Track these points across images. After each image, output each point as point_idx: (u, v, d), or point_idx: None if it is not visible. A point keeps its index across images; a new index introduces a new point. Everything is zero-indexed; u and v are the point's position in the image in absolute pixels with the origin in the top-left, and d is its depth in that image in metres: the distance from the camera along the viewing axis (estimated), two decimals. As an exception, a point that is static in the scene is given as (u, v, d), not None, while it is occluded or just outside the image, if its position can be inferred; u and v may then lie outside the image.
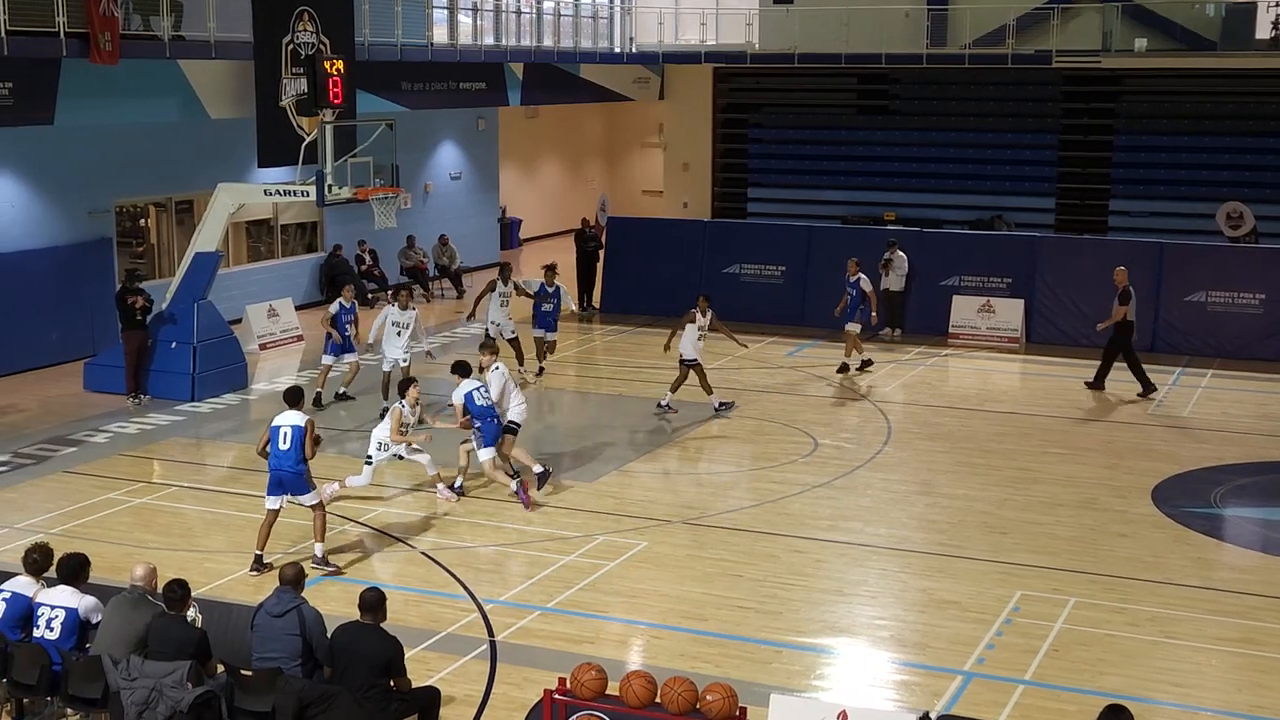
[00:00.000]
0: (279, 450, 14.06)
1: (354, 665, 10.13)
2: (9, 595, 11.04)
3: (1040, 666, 12.24)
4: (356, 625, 10.38)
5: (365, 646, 10.19)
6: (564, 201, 42.12)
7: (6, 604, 11.00)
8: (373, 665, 10.12)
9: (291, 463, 14.04)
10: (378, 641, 10.24)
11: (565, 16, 34.70)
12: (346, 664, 10.18)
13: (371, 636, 10.27)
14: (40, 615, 10.83)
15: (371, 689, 10.09)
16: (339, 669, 10.24)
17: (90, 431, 19.63)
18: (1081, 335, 25.87)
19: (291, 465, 14.05)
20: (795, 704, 9.90)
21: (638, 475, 18.02)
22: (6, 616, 10.94)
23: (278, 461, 14.10)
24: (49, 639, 10.73)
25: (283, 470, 14.09)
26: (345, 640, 10.29)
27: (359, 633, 10.30)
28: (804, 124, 38.09)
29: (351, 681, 10.07)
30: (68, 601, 10.82)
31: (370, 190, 20.92)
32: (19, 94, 20.30)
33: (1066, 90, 35.11)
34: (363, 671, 10.10)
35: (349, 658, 10.18)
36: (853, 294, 23.41)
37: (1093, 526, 16.00)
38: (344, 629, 10.41)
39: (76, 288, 23.33)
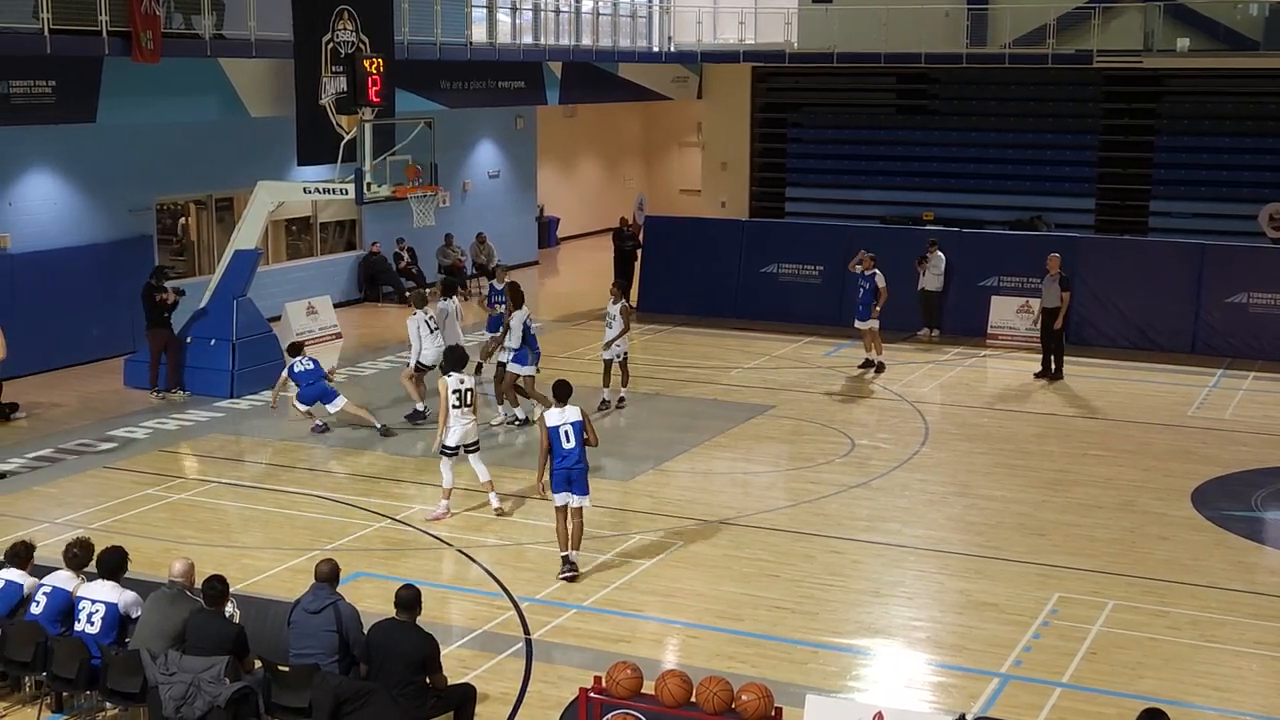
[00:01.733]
0: (564, 448, 13.97)
1: (390, 662, 10.18)
2: (50, 589, 11.14)
3: (1078, 669, 12.16)
4: (392, 622, 10.44)
5: (401, 644, 10.23)
6: (602, 200, 42.15)
7: (48, 598, 11.10)
8: (409, 662, 10.17)
9: (577, 458, 14.01)
10: (414, 639, 10.29)
11: (604, 15, 34.70)
12: (382, 661, 10.23)
13: (408, 634, 10.31)
14: (81, 609, 10.93)
15: (407, 686, 10.13)
16: (375, 666, 10.27)
17: (130, 428, 19.76)
18: (1121, 336, 25.71)
19: (577, 461, 14.01)
20: (831, 705, 9.87)
21: (675, 474, 18.00)
22: (47, 610, 11.04)
23: (565, 460, 13.97)
24: (89, 633, 10.83)
25: (572, 468, 14.02)
26: (381, 638, 10.34)
27: (395, 630, 10.35)
28: (843, 123, 37.97)
29: (387, 679, 10.12)
30: (108, 596, 10.91)
31: (408, 188, 20.98)
32: (62, 92, 20.46)
33: (1107, 90, 34.89)
34: (399, 669, 10.14)
35: (385, 655, 10.23)
36: (865, 287, 23.28)
37: (1132, 529, 15.89)
38: (380, 626, 10.45)
39: (117, 285, 23.49)
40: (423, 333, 19.70)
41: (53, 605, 11.05)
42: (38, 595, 11.18)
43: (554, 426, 14.06)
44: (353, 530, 15.59)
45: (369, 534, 15.53)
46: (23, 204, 23.06)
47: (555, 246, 39.49)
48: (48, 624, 10.95)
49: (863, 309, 23.40)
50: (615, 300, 20.84)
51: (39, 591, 11.20)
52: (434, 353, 19.44)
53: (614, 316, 20.73)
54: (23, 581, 11.31)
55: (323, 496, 16.88)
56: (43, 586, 11.21)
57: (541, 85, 32.56)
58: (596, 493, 16.50)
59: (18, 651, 10.95)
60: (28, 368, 22.45)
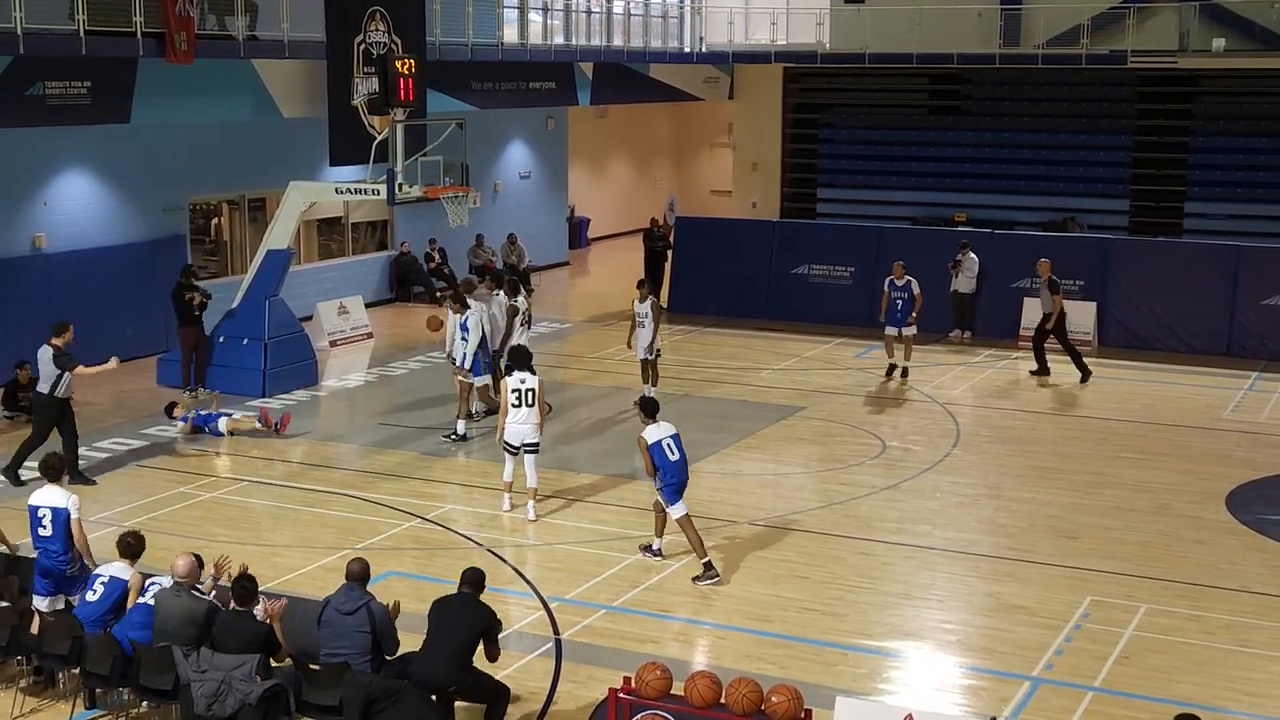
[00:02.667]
0: (670, 461, 14.23)
1: (450, 632, 10.29)
2: (107, 579, 11.29)
3: (1110, 673, 12.09)
4: (457, 597, 10.58)
5: (465, 615, 10.40)
6: (632, 201, 42.14)
7: (105, 587, 11.26)
8: (471, 632, 10.32)
9: (683, 468, 14.34)
10: (478, 611, 10.46)
11: (635, 16, 34.71)
12: (446, 629, 10.33)
13: (473, 606, 10.49)
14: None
15: (464, 656, 10.26)
16: (434, 635, 10.35)
17: (163, 426, 19.86)
18: (1155, 339, 25.57)
19: (684, 470, 14.35)
20: (861, 707, 9.84)
21: (704, 475, 17.96)
22: (103, 599, 11.20)
23: (675, 473, 14.27)
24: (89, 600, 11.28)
25: (683, 480, 14.34)
26: (443, 610, 10.47)
27: (462, 602, 10.52)
28: (874, 124, 37.86)
29: (448, 648, 10.23)
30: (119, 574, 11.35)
31: (440, 189, 21.02)
32: (96, 93, 20.59)
33: (1142, 91, 34.67)
34: (461, 637, 10.28)
35: (446, 624, 10.34)
36: (905, 298, 22.88)
37: (1166, 532, 15.79)
38: (444, 599, 10.60)
39: (151, 284, 23.61)
40: (457, 335, 19.24)
41: (109, 595, 11.24)
42: (94, 585, 11.37)
43: (655, 442, 14.25)
44: (383, 529, 15.64)
45: (399, 533, 15.57)
46: (58, 204, 23.21)
47: (586, 247, 39.51)
48: (100, 614, 11.13)
49: (901, 316, 22.94)
50: (643, 299, 20.84)
51: (96, 581, 11.39)
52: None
53: (646, 315, 20.71)
54: (126, 577, 11.42)
55: (353, 495, 16.94)
56: (98, 577, 11.41)
57: (573, 86, 32.58)
58: (623, 493, 16.56)
59: (54, 646, 11.03)
60: (62, 366, 22.59)
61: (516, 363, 16.25)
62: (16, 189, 22.53)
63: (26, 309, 22.09)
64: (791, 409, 21.10)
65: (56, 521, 11.86)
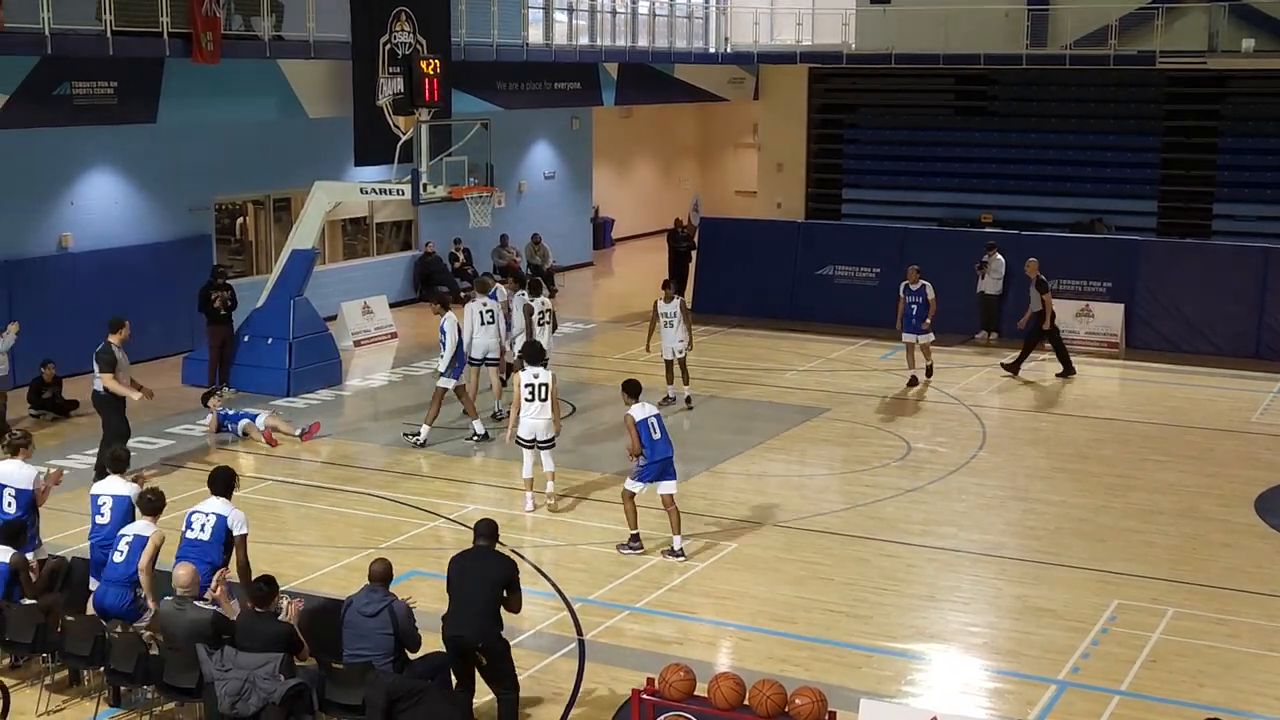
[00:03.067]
0: (653, 442, 14.68)
1: (472, 585, 10.46)
2: (131, 538, 11.58)
3: (1137, 677, 12.01)
4: (475, 550, 10.79)
5: (484, 567, 10.57)
6: (657, 201, 42.12)
7: (130, 548, 11.52)
8: (492, 583, 10.47)
9: (668, 448, 14.77)
10: (496, 561, 10.66)
11: (660, 16, 34.69)
12: (462, 584, 10.50)
13: (489, 558, 10.66)
14: (193, 520, 11.81)
15: (489, 606, 10.42)
16: (459, 594, 10.49)
17: (188, 425, 19.92)
18: (1183, 340, 25.40)
19: (667, 450, 14.76)
20: (885, 710, 9.80)
21: (728, 476, 17.94)
22: (129, 559, 11.46)
23: (660, 451, 14.72)
24: (201, 540, 11.67)
25: (666, 459, 14.74)
26: (463, 564, 10.67)
27: (477, 555, 10.71)
28: (900, 125, 37.75)
29: (473, 604, 10.39)
30: (219, 509, 11.84)
31: (465, 189, 21.04)
32: (123, 93, 20.68)
33: (1170, 91, 34.49)
34: (485, 591, 10.42)
35: (467, 578, 10.51)
36: (919, 303, 22.36)
37: (1193, 536, 15.68)
38: (461, 555, 10.84)
39: (176, 283, 23.69)
40: (475, 322, 19.46)
41: (135, 554, 11.41)
42: (119, 545, 11.48)
43: (642, 420, 14.64)
44: (407, 529, 15.65)
45: (423, 533, 15.58)
46: (85, 203, 23.32)
47: (610, 247, 39.51)
48: (128, 574, 11.37)
49: (916, 322, 22.45)
50: (669, 299, 20.81)
51: (121, 541, 11.51)
52: (483, 344, 19.48)
53: (674, 316, 20.69)
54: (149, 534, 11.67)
55: (377, 495, 16.95)
56: (124, 536, 11.53)
57: (597, 86, 32.59)
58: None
59: (77, 646, 11.07)
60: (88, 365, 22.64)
61: (529, 358, 16.27)
62: (43, 188, 22.64)
63: (53, 308, 22.20)
64: (816, 410, 21.04)
65: (117, 509, 11.99)
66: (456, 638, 10.41)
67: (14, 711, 10.72)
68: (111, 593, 11.50)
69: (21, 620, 11.37)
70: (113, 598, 11.51)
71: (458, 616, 10.43)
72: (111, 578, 11.51)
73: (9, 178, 21.98)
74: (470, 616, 10.38)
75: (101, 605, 11.58)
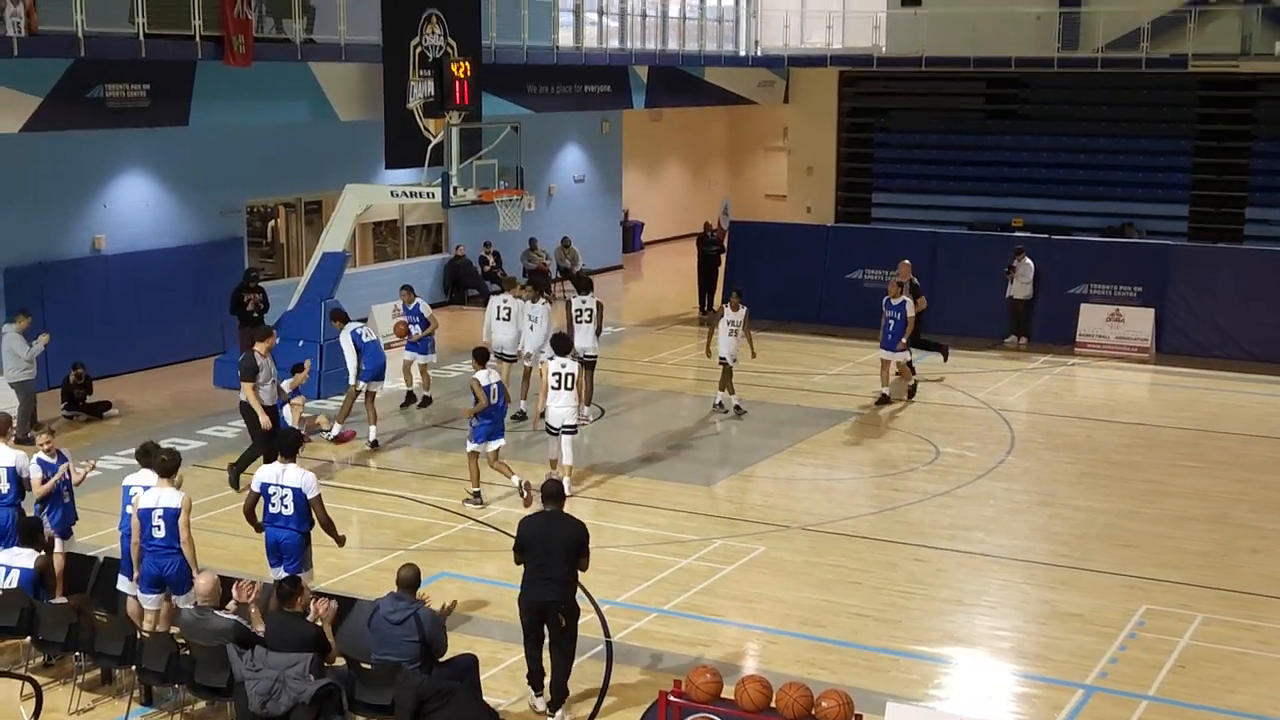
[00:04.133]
0: (492, 404, 16.19)
1: (548, 549, 10.97)
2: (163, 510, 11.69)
3: (1165, 683, 11.97)
4: (545, 514, 11.22)
5: (558, 531, 11.06)
6: (686, 205, 42.12)
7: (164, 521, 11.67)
8: (574, 545, 11.01)
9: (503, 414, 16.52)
10: (571, 526, 11.14)
11: (690, 19, 34.71)
12: (540, 549, 11.00)
13: (562, 522, 11.16)
14: (272, 495, 12.28)
15: (566, 569, 10.97)
16: (540, 558, 10.99)
17: (219, 426, 20.03)
18: (1214, 346, 25.28)
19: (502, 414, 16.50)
20: (912, 714, 9.79)
21: (756, 480, 17.95)
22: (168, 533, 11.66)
23: (493, 416, 16.30)
24: (285, 514, 12.22)
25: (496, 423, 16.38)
26: (537, 528, 11.14)
27: (550, 520, 11.17)
28: (931, 128, 37.64)
29: (555, 569, 10.95)
30: (295, 481, 12.32)
31: (495, 192, 21.09)
32: (155, 96, 20.79)
33: (1202, 95, 34.29)
34: (556, 554, 10.95)
35: (542, 543, 11.01)
36: (897, 319, 21.47)
37: (1223, 541, 15.61)
38: (532, 519, 11.37)
39: (208, 286, 23.84)
40: (493, 316, 20.64)
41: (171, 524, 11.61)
42: (153, 520, 11.61)
43: (487, 385, 16.06)
44: (437, 530, 15.71)
45: (452, 534, 15.64)
46: (117, 206, 23.48)
47: (639, 251, 39.53)
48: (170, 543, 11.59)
49: (892, 339, 21.54)
50: (736, 308, 20.77)
51: (154, 515, 11.64)
52: (499, 340, 20.36)
53: (738, 325, 20.69)
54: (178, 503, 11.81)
55: (407, 497, 17.02)
56: (154, 510, 11.66)
57: (627, 89, 32.61)
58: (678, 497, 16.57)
59: (109, 645, 11.16)
60: (120, 367, 22.88)
61: (558, 349, 16.84)
62: (77, 191, 22.81)
63: (85, 310, 22.38)
64: (845, 414, 21.03)
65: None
66: (542, 602, 10.97)
67: (46, 709, 10.81)
68: (163, 562, 11.63)
69: (54, 619, 11.48)
70: (165, 567, 11.66)
71: (540, 582, 10.97)
72: (159, 547, 11.64)
73: (43, 180, 22.16)
74: (553, 581, 10.95)
75: (156, 576, 11.69)
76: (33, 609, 11.58)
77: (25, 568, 12.03)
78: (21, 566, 12.04)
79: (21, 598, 11.68)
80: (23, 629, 11.60)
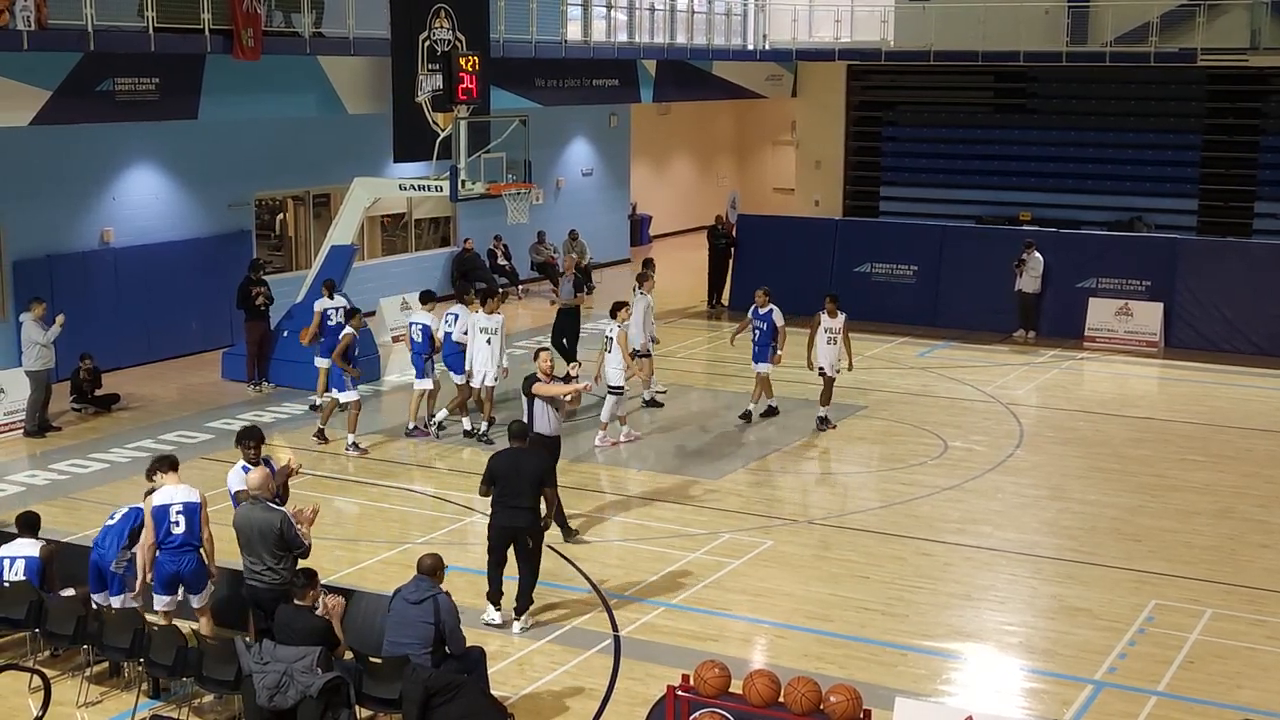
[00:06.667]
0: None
1: (515, 480, 12.48)
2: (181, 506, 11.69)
3: (1174, 678, 11.96)
4: (513, 450, 12.83)
5: (524, 464, 12.56)
6: (694, 198, 42.11)
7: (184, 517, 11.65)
8: (531, 480, 12.47)
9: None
10: (533, 459, 12.72)
11: (699, 13, 34.65)
12: (508, 479, 12.52)
13: (528, 456, 12.72)
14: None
15: (531, 498, 12.50)
16: (506, 482, 12.51)
17: (227, 419, 20.05)
18: (1223, 340, 25.23)
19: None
20: (921, 708, 9.78)
21: (765, 474, 17.95)
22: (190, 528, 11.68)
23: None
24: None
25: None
26: (506, 461, 12.68)
27: (517, 454, 12.75)
28: (939, 122, 37.56)
29: (520, 498, 12.47)
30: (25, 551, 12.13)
31: (503, 186, 21.09)
32: (165, 89, 20.81)
33: (1211, 89, 34.19)
34: (524, 485, 12.47)
35: (510, 473, 12.52)
36: (763, 328, 19.97)
37: (1232, 536, 15.58)
38: (501, 453, 12.90)
39: (216, 279, 23.85)
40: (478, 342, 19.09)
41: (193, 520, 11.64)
42: (172, 515, 11.61)
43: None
44: (443, 524, 15.72)
45: (460, 528, 15.65)
46: (126, 199, 23.51)
47: (647, 244, 39.50)
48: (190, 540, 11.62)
49: (759, 351, 20.07)
50: (834, 314, 19.57)
51: (172, 511, 11.63)
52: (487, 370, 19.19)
53: (837, 332, 19.55)
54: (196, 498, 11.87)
55: (414, 490, 17.04)
56: (172, 505, 11.65)
57: (636, 83, 32.59)
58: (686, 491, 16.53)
59: (116, 638, 11.17)
60: (128, 360, 22.91)
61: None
62: (85, 184, 22.83)
63: (94, 303, 22.40)
64: (853, 408, 21.00)
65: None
66: (512, 528, 12.50)
67: (55, 702, 10.83)
68: (184, 560, 11.60)
69: (62, 612, 11.50)
70: (184, 564, 11.63)
71: (509, 509, 12.48)
72: (176, 545, 11.58)
73: (52, 173, 22.18)
74: (520, 509, 12.46)
75: (175, 574, 11.62)
76: (40, 601, 11.60)
77: (31, 556, 12.08)
78: (27, 556, 12.10)
79: (29, 590, 11.71)
80: (30, 621, 11.62)
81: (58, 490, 16.85)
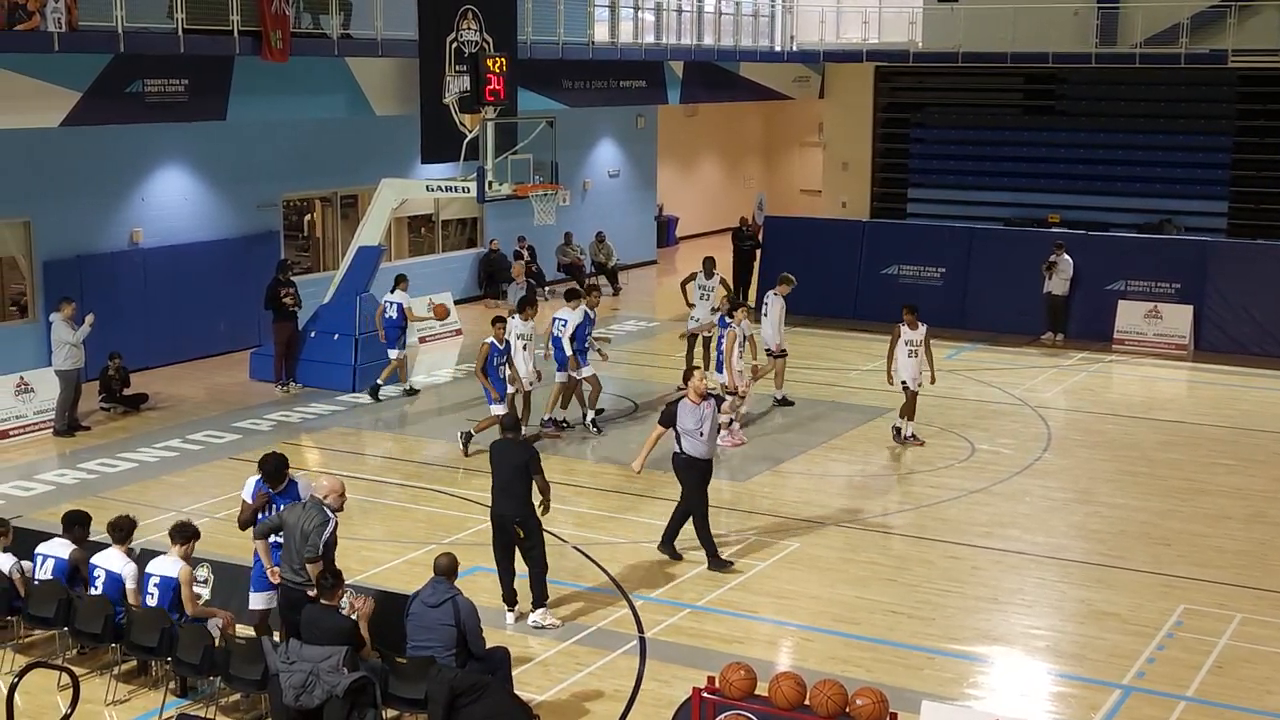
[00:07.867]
0: None
1: (504, 470, 12.94)
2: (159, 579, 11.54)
3: (1203, 683, 11.88)
4: (503, 440, 13.31)
5: (512, 455, 12.96)
6: (721, 200, 42.07)
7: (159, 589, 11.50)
8: (517, 468, 12.85)
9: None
10: (520, 450, 13.04)
11: (726, 15, 34.63)
12: (498, 468, 12.98)
13: (515, 447, 13.09)
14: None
15: (519, 485, 12.84)
16: (497, 478, 12.97)
17: (255, 419, 20.12)
18: (1253, 343, 25.07)
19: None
20: (947, 712, 9.75)
21: (791, 476, 17.91)
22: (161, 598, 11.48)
23: None
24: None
25: None
26: (497, 454, 13.13)
27: (506, 446, 13.18)
28: (967, 124, 37.41)
29: (508, 488, 12.87)
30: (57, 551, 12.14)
31: (530, 187, 21.11)
32: (194, 91, 20.91)
33: (1242, 91, 33.95)
34: (510, 474, 12.87)
35: (500, 464, 13.00)
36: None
37: (1262, 540, 15.48)
38: (492, 445, 13.40)
39: (244, 279, 23.94)
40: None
41: (164, 597, 11.46)
42: (149, 586, 11.52)
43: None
44: (470, 524, 15.73)
45: (486, 528, 15.61)
46: (155, 199, 23.62)
47: (674, 245, 39.49)
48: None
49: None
50: (914, 326, 18.87)
51: (149, 583, 11.53)
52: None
53: (918, 344, 18.87)
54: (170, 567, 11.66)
55: (441, 490, 17.06)
56: (151, 577, 11.57)
57: (663, 84, 32.59)
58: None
59: (144, 636, 11.22)
60: (157, 360, 23.02)
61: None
62: (115, 185, 22.95)
63: (123, 303, 22.51)
64: (880, 410, 20.93)
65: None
66: (501, 515, 12.89)
67: (83, 699, 10.86)
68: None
69: (91, 611, 11.55)
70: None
71: (501, 498, 12.93)
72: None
73: (82, 174, 22.30)
74: (510, 497, 12.83)
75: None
76: (69, 600, 11.66)
77: (60, 557, 12.13)
78: (57, 556, 12.16)
79: (58, 589, 11.77)
80: (60, 620, 11.68)
81: (86, 489, 16.93)
